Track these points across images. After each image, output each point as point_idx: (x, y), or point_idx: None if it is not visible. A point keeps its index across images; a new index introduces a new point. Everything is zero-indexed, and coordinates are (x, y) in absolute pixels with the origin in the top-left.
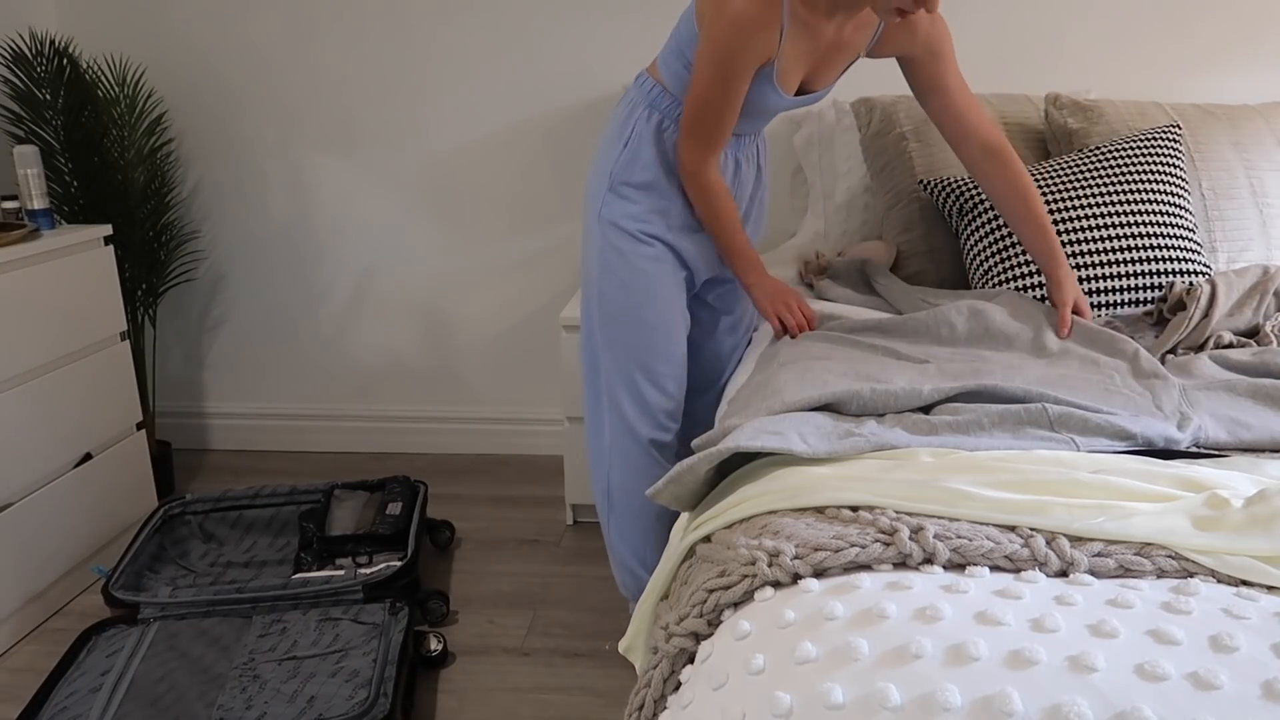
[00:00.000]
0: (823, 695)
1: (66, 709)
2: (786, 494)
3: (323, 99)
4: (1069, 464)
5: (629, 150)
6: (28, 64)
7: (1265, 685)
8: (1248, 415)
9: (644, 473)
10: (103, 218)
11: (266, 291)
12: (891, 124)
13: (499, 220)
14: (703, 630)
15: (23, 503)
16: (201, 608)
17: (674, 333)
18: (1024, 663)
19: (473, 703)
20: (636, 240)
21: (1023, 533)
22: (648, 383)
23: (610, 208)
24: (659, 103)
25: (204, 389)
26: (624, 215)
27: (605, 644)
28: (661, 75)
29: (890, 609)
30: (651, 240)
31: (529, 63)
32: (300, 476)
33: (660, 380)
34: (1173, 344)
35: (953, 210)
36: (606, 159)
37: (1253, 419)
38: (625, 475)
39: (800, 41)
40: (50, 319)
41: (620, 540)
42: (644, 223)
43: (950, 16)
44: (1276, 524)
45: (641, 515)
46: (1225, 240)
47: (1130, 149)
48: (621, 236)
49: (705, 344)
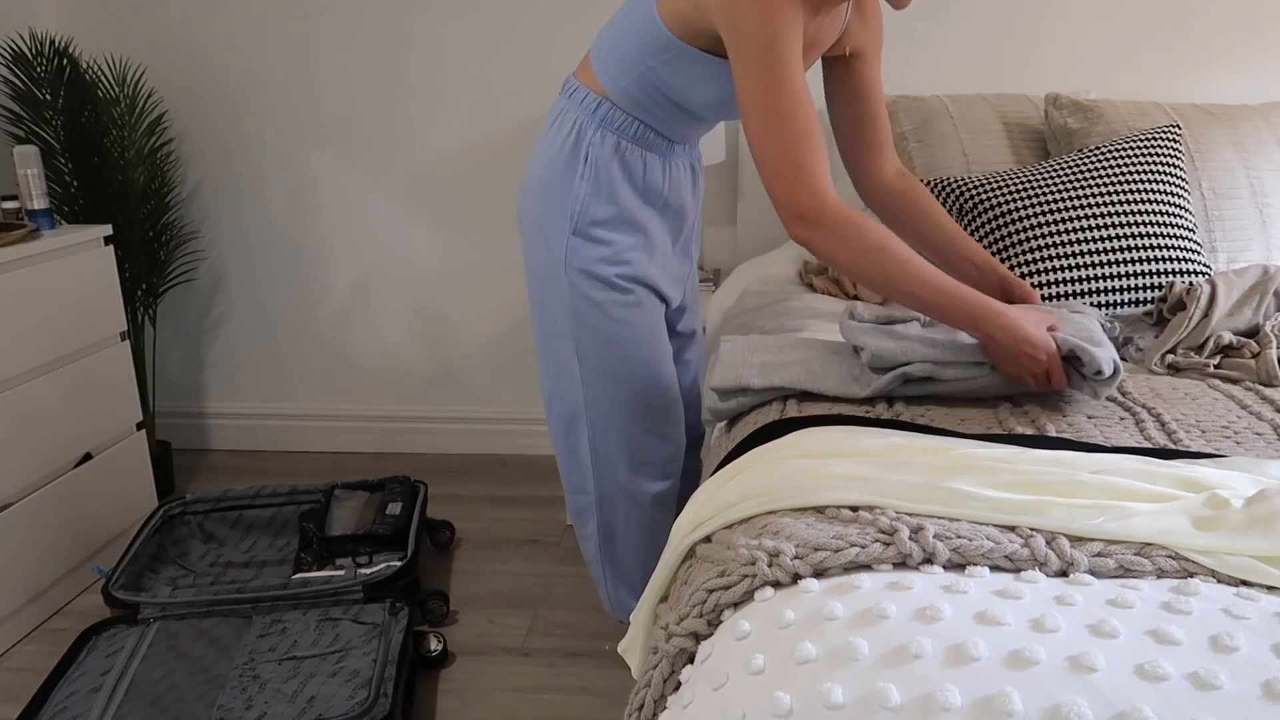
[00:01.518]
0: (823, 695)
1: (66, 709)
2: (787, 494)
3: (323, 99)
4: (1069, 464)
5: (588, 184)
6: (28, 64)
7: (1265, 685)
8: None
9: (646, 525)
10: (103, 218)
11: (266, 291)
12: (891, 124)
13: (499, 220)
14: (702, 630)
15: (23, 503)
16: (201, 608)
17: (666, 374)
18: (1024, 663)
19: (473, 703)
20: (614, 289)
21: (1023, 533)
22: (647, 433)
23: (578, 254)
24: (611, 120)
25: (204, 389)
26: (596, 260)
27: (605, 644)
28: (601, 82)
29: (890, 609)
30: (631, 286)
31: (528, 63)
32: (300, 476)
33: (661, 429)
34: (1172, 344)
35: (951, 211)
36: (560, 195)
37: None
38: (627, 530)
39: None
40: (50, 319)
41: (617, 584)
42: (621, 265)
43: (951, 16)
44: (1276, 524)
45: (644, 562)
46: (1225, 240)
47: (1130, 149)
48: (595, 286)
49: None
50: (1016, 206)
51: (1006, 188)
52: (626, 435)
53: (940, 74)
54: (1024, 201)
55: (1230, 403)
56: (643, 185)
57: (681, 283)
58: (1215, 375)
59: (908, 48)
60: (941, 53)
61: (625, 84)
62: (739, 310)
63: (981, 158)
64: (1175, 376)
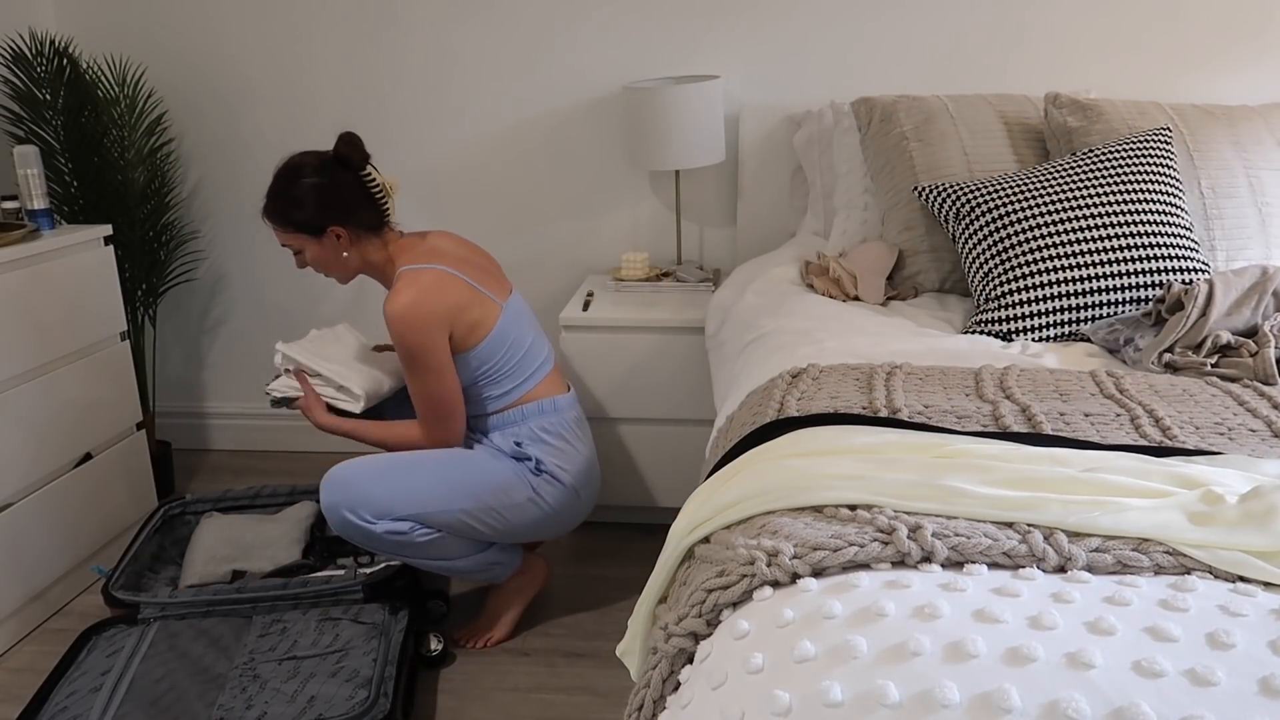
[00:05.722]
0: (821, 693)
1: (66, 709)
2: (784, 494)
3: (322, 99)
4: (1063, 462)
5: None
6: (28, 64)
7: (1262, 682)
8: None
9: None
10: (103, 218)
11: (266, 291)
12: (891, 124)
13: (499, 220)
14: (702, 630)
15: (23, 503)
16: (201, 608)
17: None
18: (1022, 660)
19: (473, 703)
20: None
21: (1020, 529)
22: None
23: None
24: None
25: (204, 389)
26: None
27: (606, 644)
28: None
29: (889, 607)
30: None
31: (528, 63)
32: (300, 476)
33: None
34: (1170, 343)
35: (949, 215)
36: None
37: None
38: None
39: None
40: (50, 319)
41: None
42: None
43: (951, 16)
44: (1270, 520)
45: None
46: (1224, 239)
47: (1123, 151)
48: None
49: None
50: (1015, 209)
51: (1004, 190)
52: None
53: (940, 74)
54: (1022, 203)
55: (1228, 399)
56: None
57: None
58: (1212, 374)
59: (908, 48)
60: (941, 53)
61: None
62: (740, 311)
63: (981, 157)
64: (1173, 375)
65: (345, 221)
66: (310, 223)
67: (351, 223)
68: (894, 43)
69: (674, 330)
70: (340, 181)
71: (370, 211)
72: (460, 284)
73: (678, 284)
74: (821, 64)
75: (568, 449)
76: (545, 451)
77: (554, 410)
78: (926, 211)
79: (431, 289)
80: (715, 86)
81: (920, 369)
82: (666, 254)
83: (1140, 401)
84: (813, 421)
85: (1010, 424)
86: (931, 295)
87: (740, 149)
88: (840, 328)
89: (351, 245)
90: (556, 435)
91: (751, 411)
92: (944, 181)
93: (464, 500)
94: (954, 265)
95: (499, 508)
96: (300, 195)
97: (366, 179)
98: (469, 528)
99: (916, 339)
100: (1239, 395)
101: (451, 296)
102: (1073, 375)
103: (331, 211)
